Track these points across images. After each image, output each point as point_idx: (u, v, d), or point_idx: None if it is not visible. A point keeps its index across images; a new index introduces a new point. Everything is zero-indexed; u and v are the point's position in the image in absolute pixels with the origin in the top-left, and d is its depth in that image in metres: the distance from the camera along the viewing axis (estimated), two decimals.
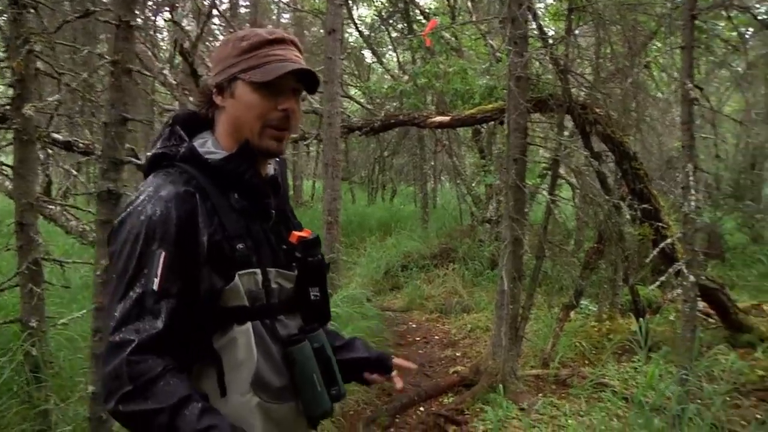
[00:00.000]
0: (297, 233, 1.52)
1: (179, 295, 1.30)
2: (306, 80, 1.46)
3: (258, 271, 1.42)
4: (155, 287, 1.27)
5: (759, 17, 5.63)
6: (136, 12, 2.56)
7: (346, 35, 14.58)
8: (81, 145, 5.68)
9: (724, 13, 4.79)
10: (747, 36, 7.66)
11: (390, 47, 14.20)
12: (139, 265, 1.29)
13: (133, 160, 2.66)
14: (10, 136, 4.03)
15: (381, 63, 13.90)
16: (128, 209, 1.35)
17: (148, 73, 5.18)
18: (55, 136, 5.50)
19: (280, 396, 1.43)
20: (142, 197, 1.35)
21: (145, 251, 1.29)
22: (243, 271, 1.38)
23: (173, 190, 1.34)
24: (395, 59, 14.10)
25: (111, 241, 1.38)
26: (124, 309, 1.26)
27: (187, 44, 6.39)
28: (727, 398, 4.51)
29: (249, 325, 1.39)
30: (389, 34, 12.94)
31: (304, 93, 1.51)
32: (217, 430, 1.21)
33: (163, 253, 1.29)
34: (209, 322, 1.36)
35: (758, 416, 4.31)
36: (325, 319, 1.57)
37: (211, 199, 1.38)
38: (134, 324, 1.25)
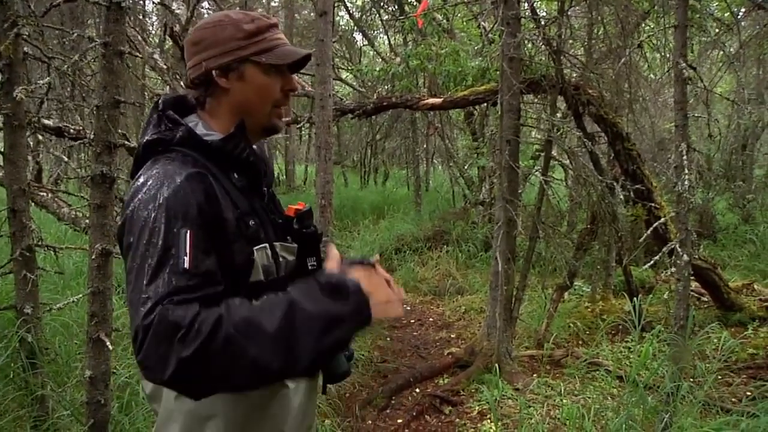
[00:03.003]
0: (293, 206, 1.56)
1: (210, 273, 1.25)
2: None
3: (267, 245, 1.44)
4: (186, 266, 1.20)
5: None
6: None
7: (337, 18, 14.48)
8: (72, 130, 5.61)
9: None
10: (740, 15, 7.66)
11: (381, 30, 14.10)
12: (165, 247, 1.22)
13: (126, 143, 2.64)
14: None
15: (372, 46, 13.81)
16: (137, 198, 1.29)
17: (138, 55, 5.12)
18: (46, 122, 5.45)
19: None
20: (150, 183, 1.30)
21: (169, 233, 1.23)
22: (257, 247, 1.41)
23: (185, 172, 1.30)
24: (386, 42, 14.01)
25: (126, 232, 1.30)
26: (156, 290, 1.17)
27: (177, 28, 6.34)
28: (719, 376, 4.57)
29: None
30: (380, 16, 12.85)
31: None
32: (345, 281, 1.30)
33: (189, 231, 1.23)
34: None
35: (748, 393, 4.37)
36: None
37: (219, 180, 1.39)
38: (167, 301, 1.17)
